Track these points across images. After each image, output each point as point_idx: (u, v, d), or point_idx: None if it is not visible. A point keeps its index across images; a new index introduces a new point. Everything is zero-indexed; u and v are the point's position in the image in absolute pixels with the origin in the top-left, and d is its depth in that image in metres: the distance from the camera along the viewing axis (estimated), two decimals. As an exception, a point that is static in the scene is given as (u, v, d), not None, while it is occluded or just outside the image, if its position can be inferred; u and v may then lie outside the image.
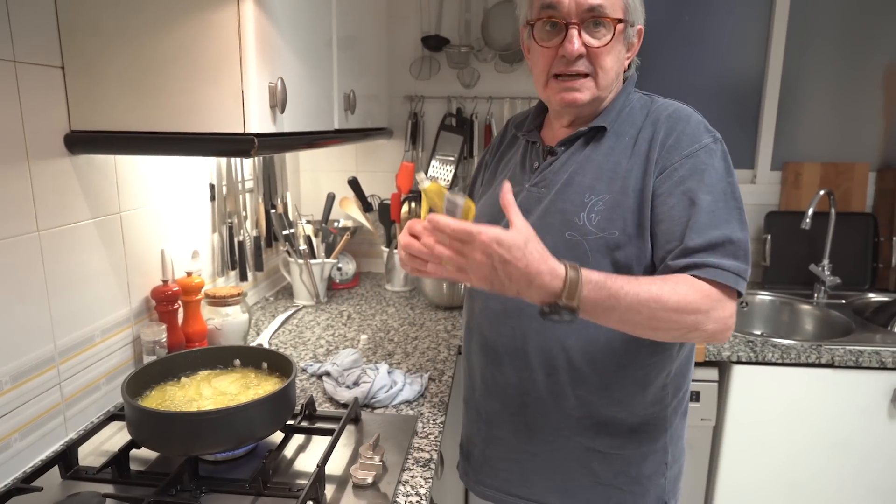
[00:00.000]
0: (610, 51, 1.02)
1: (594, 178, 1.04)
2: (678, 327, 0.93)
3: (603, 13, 1.00)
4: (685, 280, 0.94)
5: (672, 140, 1.00)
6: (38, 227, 1.08)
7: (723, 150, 1.01)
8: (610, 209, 1.01)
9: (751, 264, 0.97)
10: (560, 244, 1.02)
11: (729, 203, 0.97)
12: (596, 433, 1.09)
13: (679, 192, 0.98)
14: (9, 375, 1.03)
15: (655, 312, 0.90)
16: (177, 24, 1.07)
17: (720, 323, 0.94)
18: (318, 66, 1.42)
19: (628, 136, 1.05)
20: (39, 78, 1.07)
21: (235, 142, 1.09)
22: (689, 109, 1.05)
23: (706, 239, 0.95)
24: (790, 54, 2.29)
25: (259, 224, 1.98)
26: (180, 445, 0.98)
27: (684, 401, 1.15)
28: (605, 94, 1.06)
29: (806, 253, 2.25)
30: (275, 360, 1.21)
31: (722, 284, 0.93)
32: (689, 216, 0.96)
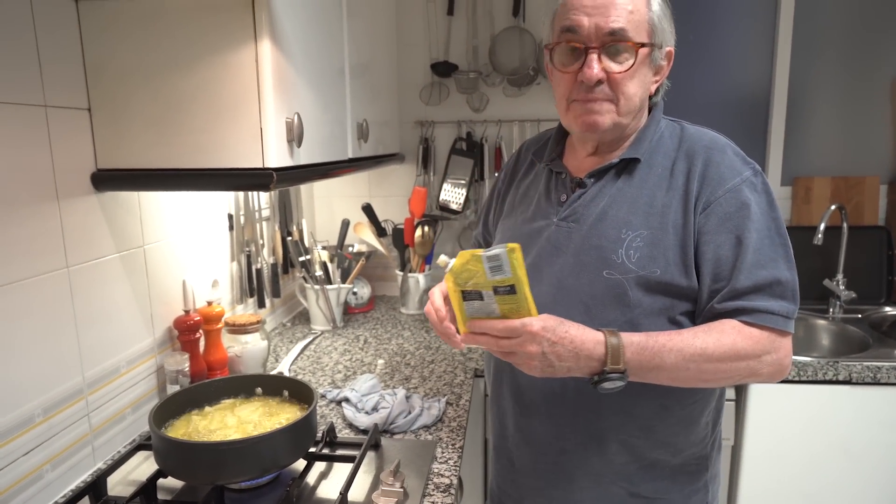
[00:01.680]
0: (633, 76, 0.98)
1: (629, 212, 1.00)
2: (731, 376, 0.94)
3: (625, 37, 0.95)
4: (732, 327, 0.93)
5: (712, 173, 0.97)
6: (67, 263, 1.12)
7: (763, 182, 0.98)
8: (650, 245, 0.97)
9: (799, 301, 0.96)
10: (598, 283, 0.99)
11: (774, 240, 0.95)
12: (640, 478, 1.05)
13: (725, 229, 0.95)
14: (41, 408, 1.06)
15: (702, 366, 0.92)
16: (197, 66, 1.11)
17: (774, 365, 0.95)
18: (332, 96, 1.46)
19: (661, 167, 1.01)
20: (68, 120, 1.11)
21: (254, 176, 1.13)
22: (724, 140, 1.02)
23: (753, 280, 0.93)
24: (796, 69, 2.31)
25: (276, 251, 2.01)
26: (207, 475, 1.00)
27: (718, 437, 1.12)
28: (626, 120, 1.01)
29: (819, 268, 2.25)
30: (296, 387, 1.23)
31: (772, 328, 0.93)
32: (736, 256, 0.94)
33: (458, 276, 0.89)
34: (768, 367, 0.94)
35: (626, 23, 0.96)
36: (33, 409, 1.04)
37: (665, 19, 1.00)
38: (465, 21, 2.30)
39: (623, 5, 0.96)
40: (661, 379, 0.94)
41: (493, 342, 0.90)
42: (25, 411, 1.03)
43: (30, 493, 1.04)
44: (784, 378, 0.97)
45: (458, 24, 2.30)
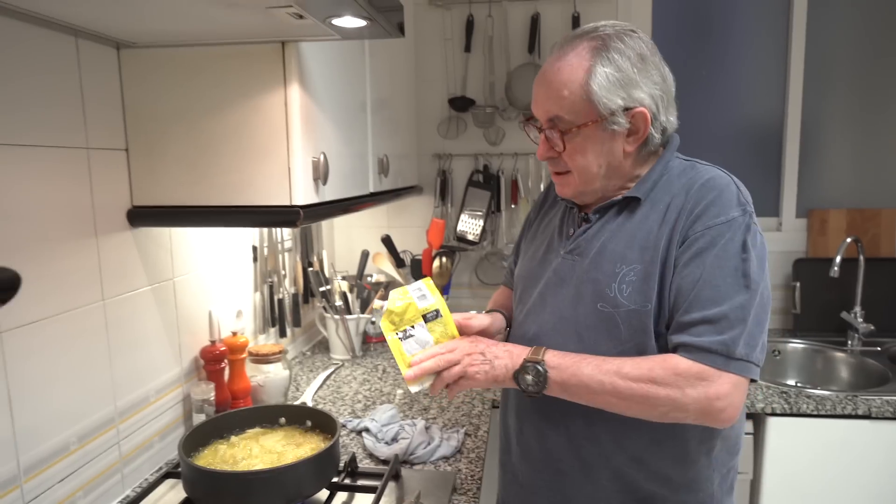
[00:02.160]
0: (581, 151, 1.03)
1: (626, 246, 1.02)
2: (652, 404, 0.93)
3: (560, 123, 1.02)
4: (664, 357, 0.95)
5: (700, 209, 0.98)
6: (103, 296, 1.17)
7: (748, 225, 0.96)
8: (642, 280, 0.99)
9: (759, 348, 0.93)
10: (592, 315, 1.03)
11: (737, 280, 0.93)
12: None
13: (693, 263, 0.96)
14: (76, 436, 1.10)
15: (617, 383, 0.94)
16: (229, 109, 1.17)
17: (701, 402, 0.92)
18: (354, 132, 1.52)
19: (662, 203, 1.03)
20: (107, 160, 1.17)
21: (282, 213, 1.18)
22: (727, 179, 1.02)
23: (702, 315, 0.93)
24: (808, 101, 2.34)
25: (297, 281, 2.06)
26: (234, 503, 1.03)
27: (730, 476, 1.10)
28: (592, 186, 1.06)
29: (837, 300, 2.25)
30: (318, 418, 1.26)
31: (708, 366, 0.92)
32: (692, 289, 0.95)
33: (394, 315, 1.06)
34: (694, 404, 0.92)
35: (560, 109, 1.02)
36: (69, 437, 1.09)
37: (618, 86, 0.99)
38: (481, 57, 2.36)
39: (557, 91, 1.02)
40: (580, 392, 0.98)
41: (438, 365, 1.02)
42: (62, 439, 1.07)
43: (63, 520, 1.08)
44: (725, 422, 0.93)
45: (476, 60, 2.37)
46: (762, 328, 0.95)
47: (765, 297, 0.96)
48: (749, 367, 0.93)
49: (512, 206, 2.41)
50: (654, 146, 1.06)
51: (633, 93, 1.00)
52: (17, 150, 0.97)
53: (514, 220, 2.43)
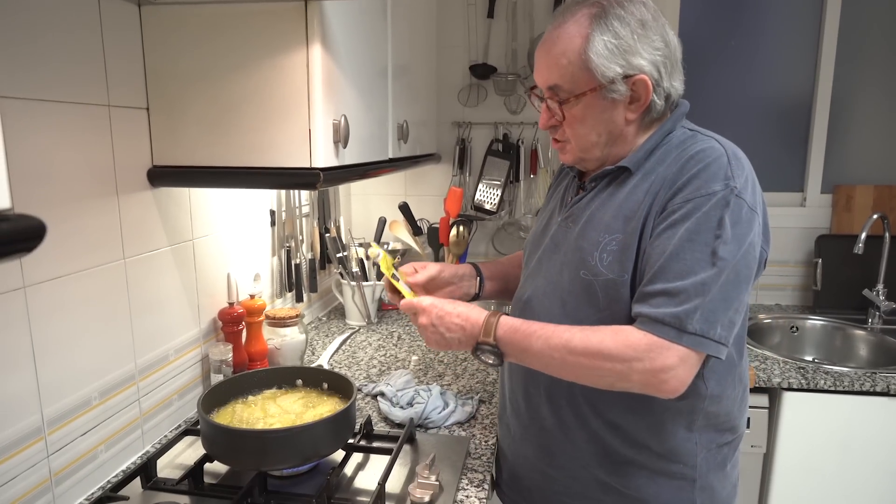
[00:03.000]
0: (580, 120, 1.03)
1: (612, 216, 1.02)
2: (601, 375, 0.95)
3: (560, 91, 1.02)
4: (615, 329, 0.95)
5: (683, 181, 0.96)
6: (124, 254, 1.17)
7: (729, 199, 0.93)
8: (621, 250, 0.99)
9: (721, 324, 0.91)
10: (576, 282, 1.04)
11: (706, 256, 0.91)
12: (612, 469, 1.07)
13: (665, 235, 0.95)
14: (98, 392, 1.12)
15: (566, 357, 0.96)
16: (251, 68, 1.16)
17: (645, 374, 0.91)
18: (375, 98, 1.50)
19: (654, 174, 1.01)
20: (128, 119, 1.17)
21: (302, 175, 1.17)
22: (720, 151, 0.98)
23: (662, 286, 0.92)
24: (840, 74, 2.28)
25: (314, 247, 2.06)
26: (252, 461, 1.05)
27: (722, 452, 1.09)
28: (592, 154, 1.06)
29: (859, 277, 2.21)
30: (335, 380, 1.27)
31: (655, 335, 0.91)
32: (658, 259, 0.94)
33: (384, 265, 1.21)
34: (638, 375, 0.92)
35: (559, 78, 1.01)
36: (91, 392, 1.10)
37: (618, 52, 0.98)
38: (504, 24, 2.32)
39: (555, 60, 1.01)
40: (534, 364, 1.01)
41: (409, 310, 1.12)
42: (84, 394, 1.09)
43: (86, 472, 1.10)
44: (669, 393, 0.92)
45: (498, 26, 2.33)
46: (729, 305, 0.92)
47: (741, 274, 0.93)
48: (704, 342, 0.91)
49: (531, 176, 2.39)
50: (658, 113, 1.04)
51: (632, 60, 0.98)
52: (41, 106, 0.97)
53: (532, 191, 2.40)
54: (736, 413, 1.10)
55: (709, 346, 0.92)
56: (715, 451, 1.08)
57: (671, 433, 1.04)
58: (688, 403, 1.02)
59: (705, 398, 1.04)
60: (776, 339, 2.21)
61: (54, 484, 1.03)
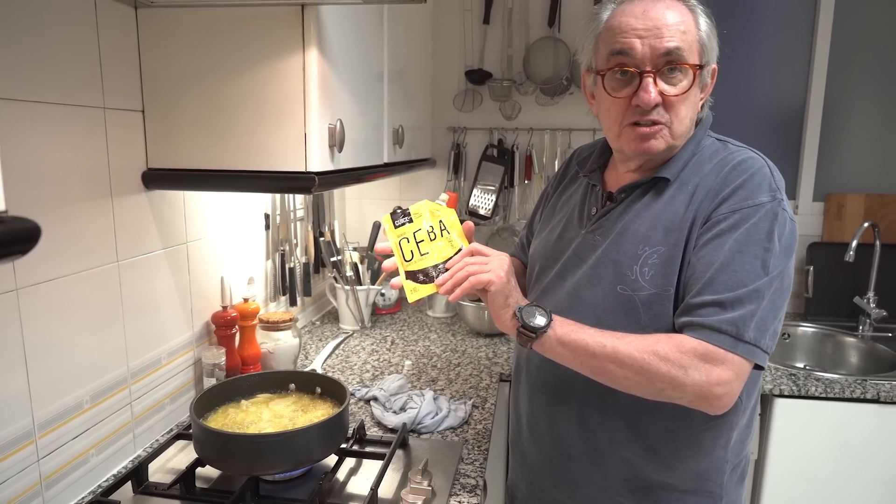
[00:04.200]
0: (686, 98, 0.96)
1: (650, 227, 0.98)
2: (649, 377, 0.89)
3: (680, 58, 0.94)
4: (669, 335, 0.91)
5: (728, 191, 0.94)
6: (117, 257, 1.17)
7: (777, 212, 0.91)
8: (664, 263, 0.95)
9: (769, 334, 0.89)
10: (611, 298, 0.99)
11: (755, 267, 0.89)
12: (642, 496, 1.03)
13: (712, 245, 0.92)
14: (89, 395, 1.11)
15: (617, 349, 0.90)
16: (247, 72, 1.16)
17: (699, 387, 0.87)
18: (370, 102, 1.51)
19: (691, 184, 0.98)
20: (123, 121, 1.17)
21: (297, 179, 1.17)
22: (761, 162, 0.96)
23: (714, 297, 0.89)
24: (832, 83, 2.30)
25: (308, 251, 2.06)
26: (244, 465, 1.05)
27: (741, 466, 1.07)
28: (679, 142, 1.00)
29: (850, 285, 2.23)
30: (328, 385, 1.27)
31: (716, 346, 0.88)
32: (706, 270, 0.91)
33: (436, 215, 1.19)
34: (693, 386, 0.87)
35: (681, 42, 0.94)
36: (83, 395, 1.10)
37: (713, 37, 0.98)
38: (500, 30, 2.33)
39: (676, 25, 0.94)
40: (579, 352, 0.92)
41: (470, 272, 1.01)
42: (76, 397, 1.08)
43: (76, 476, 1.09)
44: (719, 409, 0.89)
45: (494, 32, 2.34)
46: (776, 315, 0.91)
47: (785, 284, 0.92)
48: (757, 352, 0.89)
49: (525, 182, 2.39)
50: (701, 117, 1.04)
51: (714, 51, 0.99)
52: (36, 108, 0.97)
53: (527, 196, 2.41)
54: (754, 428, 1.09)
55: (758, 356, 0.89)
56: (737, 466, 1.06)
57: (708, 452, 1.01)
58: (727, 420, 0.99)
59: (740, 412, 1.00)
60: (768, 346, 2.21)
61: (44, 488, 1.02)
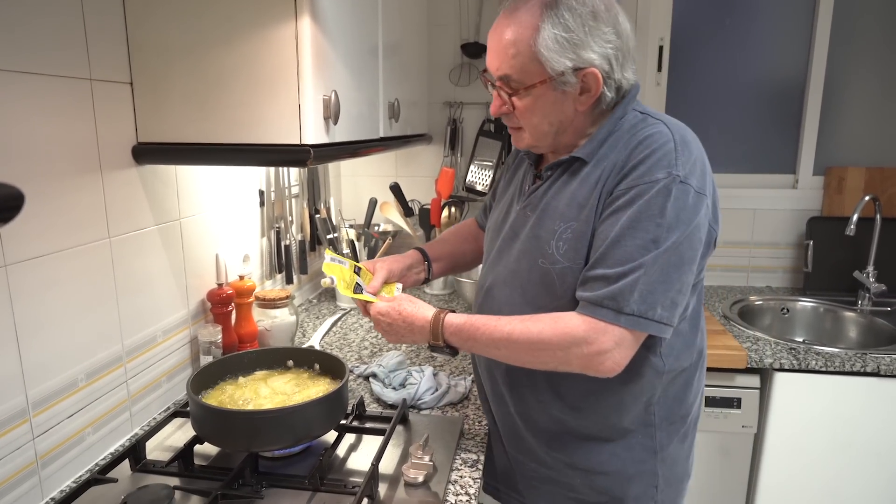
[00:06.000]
0: (531, 110, 1.02)
1: (566, 204, 1.03)
2: (545, 361, 0.99)
3: (510, 82, 1.01)
4: (556, 317, 0.97)
5: (628, 167, 0.97)
6: (109, 233, 1.14)
7: (671, 189, 0.93)
8: (576, 238, 1.00)
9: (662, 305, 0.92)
10: (535, 271, 1.05)
11: (646, 243, 0.92)
12: (575, 448, 1.10)
13: (609, 221, 0.96)
14: (84, 373, 1.10)
15: (512, 349, 1.00)
16: (238, 42, 1.12)
17: (582, 360, 0.95)
18: (366, 76, 1.47)
19: (606, 161, 1.01)
20: (111, 94, 1.13)
21: (292, 152, 1.14)
22: (667, 137, 0.97)
23: (603, 272, 0.94)
24: (834, 56, 2.26)
25: (304, 228, 2.04)
26: (243, 441, 1.03)
27: (682, 425, 1.12)
28: (545, 142, 1.07)
29: (850, 259, 2.22)
30: (327, 361, 1.25)
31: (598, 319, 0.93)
32: (600, 245, 0.96)
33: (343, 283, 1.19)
34: (577, 360, 0.95)
35: (510, 69, 1.00)
36: (77, 373, 1.08)
37: (569, 46, 0.96)
38: (496, 1, 2.28)
39: (505, 50, 0.99)
40: (486, 356, 1.07)
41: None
42: (70, 376, 1.06)
43: (73, 455, 1.08)
44: (606, 373, 0.95)
45: (490, 4, 2.29)
46: (670, 286, 0.93)
47: (684, 256, 0.93)
48: (642, 322, 0.93)
49: (523, 158, 2.36)
50: (608, 104, 1.04)
51: (582, 53, 0.97)
52: (18, 78, 0.94)
53: (524, 172, 2.38)
54: (695, 386, 1.13)
55: (648, 326, 0.94)
56: (678, 424, 1.11)
57: (629, 409, 1.07)
58: (648, 381, 1.05)
59: (663, 374, 1.06)
60: (767, 321, 2.22)
61: (40, 466, 1.01)
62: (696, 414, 1.16)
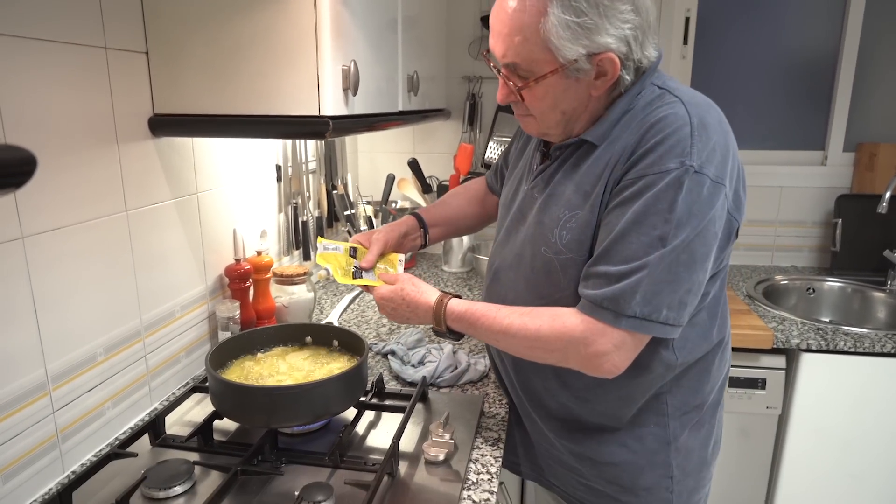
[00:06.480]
0: (542, 98, 0.94)
1: (573, 191, 0.97)
2: (542, 357, 0.96)
3: (517, 70, 0.93)
4: (555, 313, 0.93)
5: (638, 154, 0.89)
6: (126, 206, 1.13)
7: (683, 182, 0.84)
8: (581, 228, 0.94)
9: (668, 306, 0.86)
10: (538, 258, 1.01)
11: (652, 241, 0.85)
12: (582, 438, 1.08)
13: (615, 213, 0.89)
14: (102, 347, 1.09)
15: (509, 342, 0.97)
16: (255, 10, 1.09)
17: (580, 361, 0.91)
18: (384, 48, 1.43)
19: (619, 143, 0.93)
20: (126, 63, 1.11)
21: (311, 124, 1.12)
22: (684, 119, 0.87)
23: (605, 269, 0.88)
24: (868, 27, 2.17)
25: (321, 204, 2.02)
26: (262, 417, 1.02)
27: (700, 413, 1.07)
28: (556, 130, 0.99)
29: (880, 238, 2.16)
30: (346, 338, 1.24)
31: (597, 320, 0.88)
32: (604, 239, 0.90)
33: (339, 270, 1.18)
34: (575, 360, 0.92)
35: (516, 56, 0.91)
36: (96, 347, 1.07)
37: (581, 32, 0.86)
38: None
39: (510, 36, 0.90)
40: (490, 343, 1.04)
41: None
42: (88, 350, 1.06)
43: (93, 429, 1.08)
44: (606, 375, 0.90)
45: (511, -26, 2.22)
46: (679, 286, 0.86)
47: (695, 254, 0.86)
48: (646, 325, 0.87)
49: (543, 133, 2.32)
50: (627, 85, 0.95)
51: (597, 38, 0.87)
52: (32, 45, 0.91)
53: (544, 148, 2.34)
54: (714, 374, 1.07)
55: (652, 329, 0.88)
56: (692, 413, 1.06)
57: (638, 401, 1.03)
58: (658, 375, 1.00)
59: (675, 367, 1.00)
60: (792, 301, 2.17)
61: (61, 440, 1.01)
62: (716, 400, 1.10)
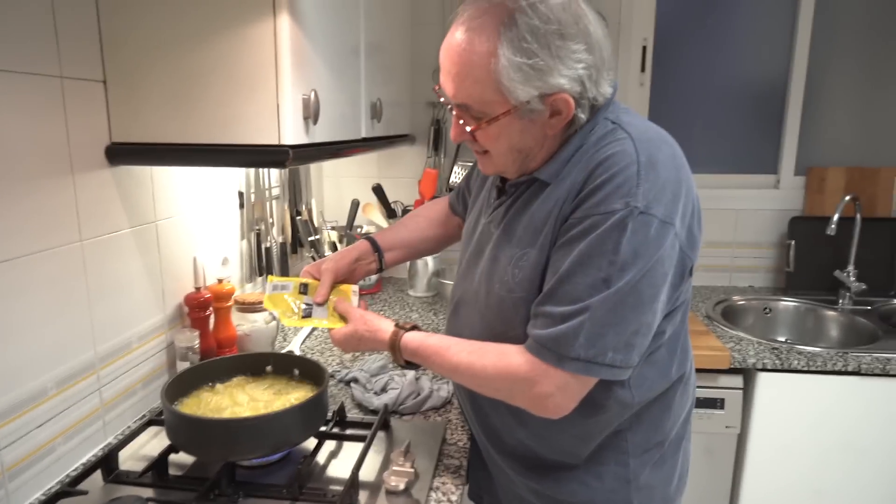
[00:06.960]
0: (496, 138, 0.93)
1: (524, 228, 0.96)
2: (492, 395, 0.97)
3: (469, 111, 0.91)
4: (500, 351, 0.93)
5: (585, 192, 0.88)
6: (80, 236, 1.11)
7: (627, 224, 0.83)
8: (532, 267, 0.93)
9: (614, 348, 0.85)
10: (492, 296, 1.00)
11: (596, 283, 0.84)
12: (542, 475, 1.06)
13: (560, 252, 0.88)
14: (53, 381, 1.06)
15: (460, 378, 0.98)
16: (215, 39, 1.09)
17: (525, 401, 0.91)
18: (347, 75, 1.45)
19: (568, 180, 0.92)
20: (83, 92, 1.10)
21: (271, 153, 1.12)
22: (630, 157, 0.86)
23: (550, 309, 0.87)
24: (815, 57, 2.27)
25: (285, 230, 2.01)
26: (219, 451, 1.00)
27: (657, 452, 1.04)
28: (513, 168, 0.98)
29: (830, 259, 2.23)
30: (307, 367, 1.23)
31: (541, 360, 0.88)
32: (551, 280, 0.89)
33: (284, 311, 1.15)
34: (521, 399, 0.92)
35: (467, 98, 0.90)
36: (47, 381, 1.04)
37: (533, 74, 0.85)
38: (479, 1, 2.26)
39: (461, 77, 0.88)
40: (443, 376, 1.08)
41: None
42: (39, 384, 1.03)
43: (43, 465, 1.04)
44: (552, 415, 0.90)
45: (473, 4, 2.27)
46: (625, 328, 0.85)
47: (642, 295, 0.85)
48: (591, 367, 0.85)
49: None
50: (582, 123, 0.93)
51: (549, 80, 0.85)
52: (-17, 76, 0.90)
53: (508, 173, 2.37)
54: (675, 409, 1.05)
55: (598, 371, 0.86)
56: (654, 450, 1.04)
57: (595, 438, 1.01)
58: (615, 414, 0.98)
59: (632, 406, 0.98)
60: (750, 321, 2.22)
61: (7, 479, 0.97)
62: (679, 436, 1.08)
